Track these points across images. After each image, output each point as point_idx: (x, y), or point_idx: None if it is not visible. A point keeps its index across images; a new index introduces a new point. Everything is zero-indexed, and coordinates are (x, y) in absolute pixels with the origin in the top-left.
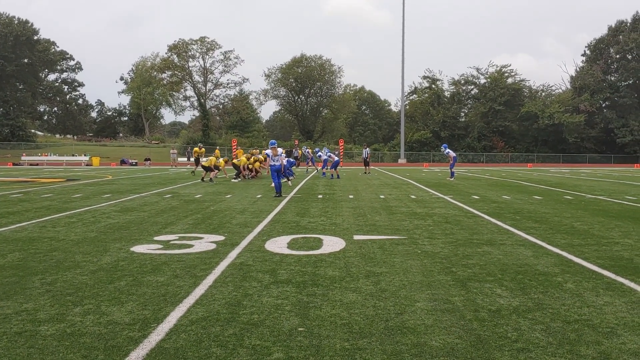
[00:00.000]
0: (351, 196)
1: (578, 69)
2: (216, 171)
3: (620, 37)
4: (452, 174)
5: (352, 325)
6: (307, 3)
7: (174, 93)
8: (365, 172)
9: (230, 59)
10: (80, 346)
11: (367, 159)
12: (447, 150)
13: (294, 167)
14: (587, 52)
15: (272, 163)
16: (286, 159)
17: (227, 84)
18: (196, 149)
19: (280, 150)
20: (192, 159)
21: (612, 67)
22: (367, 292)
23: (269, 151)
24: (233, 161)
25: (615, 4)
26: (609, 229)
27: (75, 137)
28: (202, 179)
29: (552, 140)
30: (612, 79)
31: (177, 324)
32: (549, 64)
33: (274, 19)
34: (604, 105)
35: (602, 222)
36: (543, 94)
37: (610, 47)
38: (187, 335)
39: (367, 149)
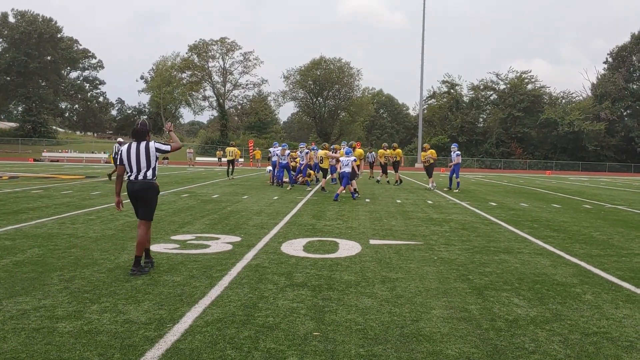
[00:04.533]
0: (367, 200)
1: (599, 77)
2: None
3: None
4: (458, 184)
5: (368, 331)
6: (321, 5)
7: (193, 93)
8: (397, 182)
9: (249, 60)
10: (97, 344)
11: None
12: (457, 152)
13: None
14: (609, 59)
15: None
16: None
17: (246, 84)
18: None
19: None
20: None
21: (635, 75)
22: (382, 298)
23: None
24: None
25: (632, 11)
26: (629, 240)
27: (95, 134)
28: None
29: (571, 147)
30: (634, 87)
31: (192, 324)
32: (564, 70)
33: (288, 21)
34: (625, 113)
35: (621, 233)
36: (563, 101)
37: (632, 55)
38: (202, 337)
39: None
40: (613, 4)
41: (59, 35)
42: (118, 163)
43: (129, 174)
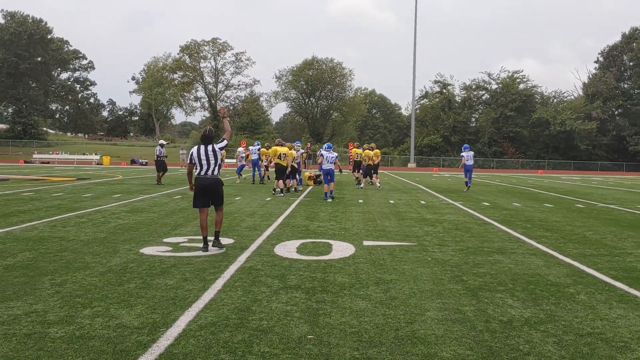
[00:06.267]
0: (360, 200)
1: (590, 76)
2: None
3: (634, 44)
4: (467, 182)
5: (362, 333)
6: (310, 5)
7: (185, 94)
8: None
9: (241, 61)
10: (89, 349)
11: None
12: (462, 153)
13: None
14: (600, 58)
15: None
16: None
17: (238, 85)
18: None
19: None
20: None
21: (626, 74)
22: (376, 300)
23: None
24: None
25: (622, 10)
26: (622, 239)
27: (86, 135)
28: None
29: (563, 147)
30: (625, 86)
31: (186, 328)
32: (554, 69)
33: (279, 21)
34: (616, 112)
35: (614, 232)
36: (555, 100)
37: (623, 54)
38: (196, 341)
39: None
40: (601, 3)
41: (49, 36)
42: (189, 162)
43: (199, 170)
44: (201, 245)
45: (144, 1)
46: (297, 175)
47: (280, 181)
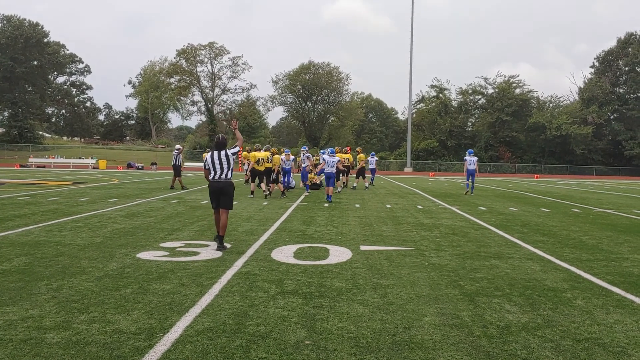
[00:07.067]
0: (357, 205)
1: (586, 81)
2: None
3: (630, 49)
4: (467, 185)
5: (360, 339)
6: (306, 10)
7: (181, 98)
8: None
9: (238, 65)
10: (86, 355)
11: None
12: (465, 157)
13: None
14: (596, 63)
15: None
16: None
17: (235, 89)
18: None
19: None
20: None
21: (621, 79)
22: (374, 305)
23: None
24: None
25: (616, 16)
26: (618, 244)
27: (82, 139)
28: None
29: (559, 151)
30: (621, 91)
31: (183, 334)
32: (549, 74)
33: (274, 25)
34: (612, 117)
35: (610, 237)
36: (551, 105)
37: (619, 59)
38: (193, 346)
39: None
40: (594, 9)
41: (45, 40)
42: (204, 167)
43: (213, 174)
44: (198, 249)
45: (141, 5)
46: (286, 179)
47: (253, 184)
